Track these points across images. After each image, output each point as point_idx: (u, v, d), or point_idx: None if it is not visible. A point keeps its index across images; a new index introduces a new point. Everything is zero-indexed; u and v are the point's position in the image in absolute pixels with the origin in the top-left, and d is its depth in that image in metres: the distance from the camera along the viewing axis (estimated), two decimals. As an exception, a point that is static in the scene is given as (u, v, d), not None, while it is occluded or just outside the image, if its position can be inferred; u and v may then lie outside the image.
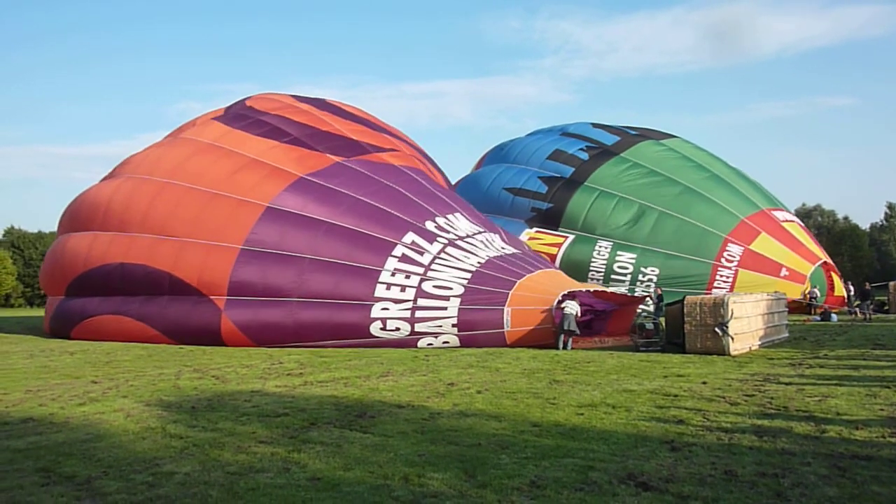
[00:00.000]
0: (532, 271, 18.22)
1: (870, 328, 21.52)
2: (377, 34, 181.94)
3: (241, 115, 21.79)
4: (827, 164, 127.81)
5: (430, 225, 18.66)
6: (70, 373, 12.96)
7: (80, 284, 20.45)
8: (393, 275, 17.35)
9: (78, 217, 21.68)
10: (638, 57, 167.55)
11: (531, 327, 16.93)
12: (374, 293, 17.19)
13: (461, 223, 19.47)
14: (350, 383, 10.96)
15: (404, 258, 17.61)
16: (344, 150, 20.55)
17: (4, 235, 71.99)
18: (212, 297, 18.01)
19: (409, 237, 18.03)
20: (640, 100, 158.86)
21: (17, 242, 69.07)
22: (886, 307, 29.61)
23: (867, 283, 29.18)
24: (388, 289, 17.22)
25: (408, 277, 17.33)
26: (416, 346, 17.13)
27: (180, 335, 18.40)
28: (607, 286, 23.91)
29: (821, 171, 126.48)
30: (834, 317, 25.99)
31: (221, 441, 7.02)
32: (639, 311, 21.27)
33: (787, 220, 30.00)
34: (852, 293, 31.12)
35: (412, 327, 17.11)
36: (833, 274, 29.32)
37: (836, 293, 29.11)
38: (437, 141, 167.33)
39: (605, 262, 27.86)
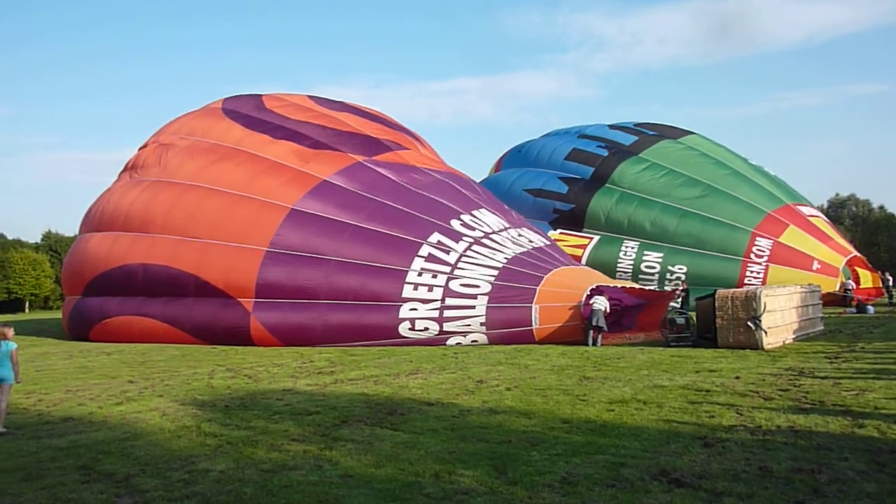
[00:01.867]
0: (559, 266, 18.15)
1: (908, 320, 20.98)
2: (398, 33, 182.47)
3: (259, 120, 21.79)
4: (859, 153, 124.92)
5: (455, 224, 18.66)
6: (107, 373, 13.25)
7: (99, 284, 20.73)
8: (420, 275, 17.38)
9: (102, 217, 21.96)
10: (662, 49, 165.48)
11: (560, 324, 16.86)
12: (401, 293, 17.23)
13: (487, 218, 19.47)
14: (380, 381, 11.03)
15: (431, 258, 17.63)
16: (364, 149, 20.64)
17: (42, 240, 73.74)
18: (239, 299, 18.19)
19: (435, 237, 18.04)
20: (666, 92, 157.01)
21: (55, 246, 70.75)
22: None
23: (905, 274, 28.51)
24: (415, 289, 17.25)
25: (435, 277, 17.36)
26: (444, 344, 17.15)
27: (209, 337, 18.65)
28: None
29: (853, 161, 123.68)
30: (870, 309, 25.41)
31: (255, 439, 7.12)
32: (670, 306, 21.04)
33: (812, 215, 29.58)
34: (891, 283, 30.40)
35: (441, 327, 17.13)
36: (857, 268, 28.67)
37: (861, 286, 28.47)
38: (459, 138, 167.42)
39: (632, 262, 27.76)
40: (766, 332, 14.15)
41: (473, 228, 18.70)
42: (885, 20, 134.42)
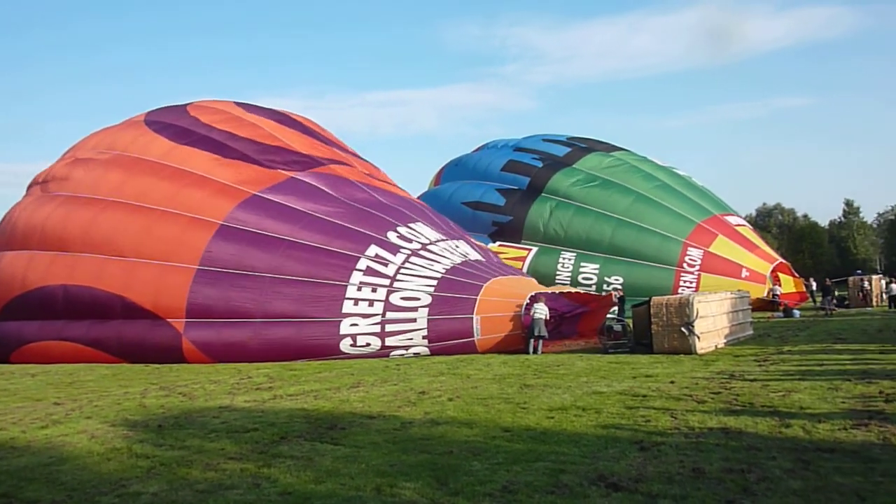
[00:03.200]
0: (497, 275, 18.30)
1: (831, 323, 22.07)
2: (337, 45, 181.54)
3: (186, 131, 20.80)
4: (786, 165, 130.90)
5: (392, 236, 18.45)
6: (31, 395, 12.62)
7: (15, 307, 19.20)
8: (359, 289, 17.15)
9: (13, 234, 20.26)
10: (600, 62, 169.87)
11: (502, 334, 17.02)
12: (341, 309, 16.96)
13: (424, 230, 19.35)
14: (320, 396, 10.88)
15: (369, 271, 17.42)
16: (296, 165, 20.12)
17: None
18: (170, 319, 17.43)
19: (373, 250, 17.82)
20: (604, 105, 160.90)
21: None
22: (847, 302, 30.42)
23: (827, 279, 29.99)
24: (355, 304, 17.02)
25: (374, 290, 17.18)
26: (387, 356, 17.02)
27: (139, 360, 17.69)
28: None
29: (780, 172, 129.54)
30: (797, 313, 26.64)
31: (189, 459, 6.91)
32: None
33: (739, 224, 31.00)
34: (814, 288, 31.92)
35: (383, 342, 16.97)
36: (780, 274, 30.05)
37: (783, 291, 29.79)
38: (402, 150, 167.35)
39: (569, 273, 28.43)
40: (699, 338, 14.63)
41: (410, 241, 18.58)
42: (812, 36, 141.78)
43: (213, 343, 17.24)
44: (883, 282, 32.54)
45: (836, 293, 29.93)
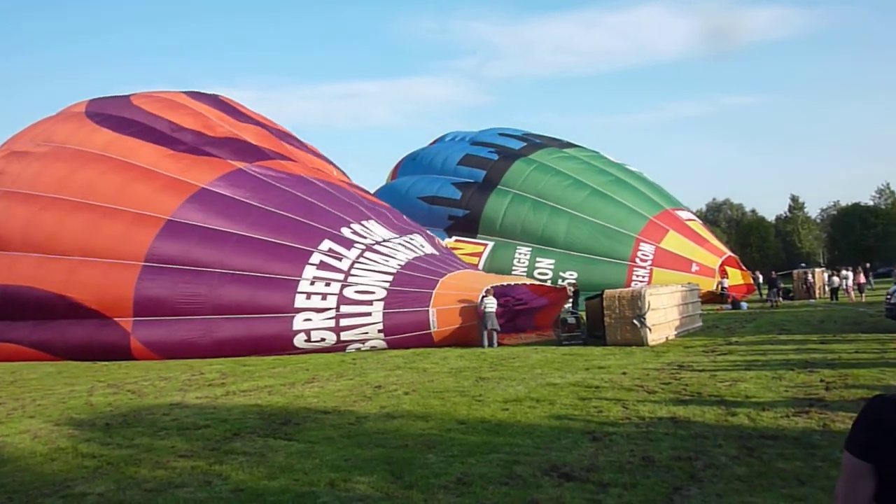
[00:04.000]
0: (453, 270, 18.38)
1: (776, 314, 22.79)
2: (290, 34, 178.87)
3: (129, 121, 20.06)
4: (735, 161, 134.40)
5: (346, 231, 18.30)
6: (-30, 395, 12.16)
7: None
8: (312, 283, 16.98)
9: None
10: (555, 58, 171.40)
11: (457, 325, 17.09)
12: (293, 304, 16.76)
13: (377, 229, 19.18)
14: (274, 391, 10.77)
15: (322, 265, 17.25)
16: (245, 155, 19.66)
17: None
18: (116, 318, 16.95)
19: (326, 244, 17.64)
20: (558, 101, 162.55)
21: None
22: (792, 294, 31.43)
23: (773, 272, 30.93)
24: (308, 298, 16.85)
25: (328, 285, 17.03)
26: (343, 350, 16.97)
27: (86, 361, 17.12)
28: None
29: (729, 168, 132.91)
30: (744, 305, 27.42)
31: (138, 457, 6.76)
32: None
33: (689, 219, 31.77)
34: (761, 281, 32.88)
35: (338, 336, 16.89)
36: (728, 267, 30.84)
37: (730, 283, 30.53)
38: (358, 143, 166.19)
39: (525, 268, 28.72)
40: (650, 330, 14.95)
41: (365, 236, 18.48)
42: (759, 36, 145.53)
43: (163, 341, 16.86)
44: (825, 275, 33.71)
45: (782, 285, 30.92)
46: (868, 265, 36.11)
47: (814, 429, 6.67)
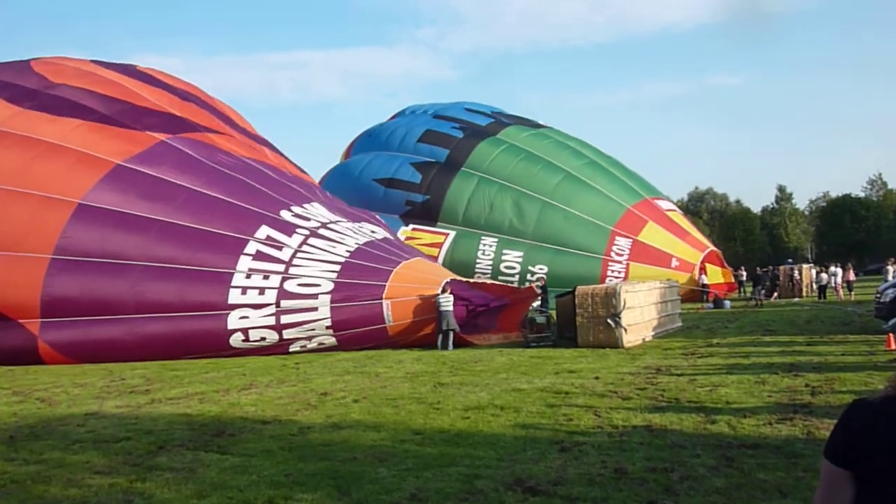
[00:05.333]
0: (409, 257, 18.38)
1: (761, 314, 23.43)
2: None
3: (31, 91, 19.10)
4: (719, 147, 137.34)
5: (286, 215, 18.05)
6: None
7: None
8: (248, 276, 16.77)
9: None
10: (522, 30, 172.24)
11: (416, 319, 17.15)
12: (227, 300, 16.53)
13: (321, 212, 19.03)
14: (206, 399, 10.64)
15: (260, 256, 17.03)
16: (168, 127, 19.00)
17: None
18: (21, 320, 16.33)
19: (263, 231, 17.38)
20: (526, 76, 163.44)
21: None
22: (776, 293, 32.28)
23: (758, 268, 31.74)
24: (243, 293, 16.63)
25: (266, 278, 16.83)
26: (288, 353, 16.93)
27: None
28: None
29: (713, 155, 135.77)
30: (727, 304, 28.10)
31: (48, 474, 6.61)
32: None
33: (669, 210, 32.29)
34: (744, 279, 33.65)
35: (280, 335, 16.79)
36: (707, 264, 31.30)
37: (709, 281, 31.10)
38: (303, 119, 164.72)
39: (491, 261, 28.80)
40: (626, 330, 15.21)
41: (308, 219, 18.27)
42: (745, 12, 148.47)
43: (78, 343, 16.39)
44: (813, 271, 34.73)
45: (769, 280, 31.76)
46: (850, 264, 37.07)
47: (797, 437, 6.88)
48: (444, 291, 16.95)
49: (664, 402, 8.86)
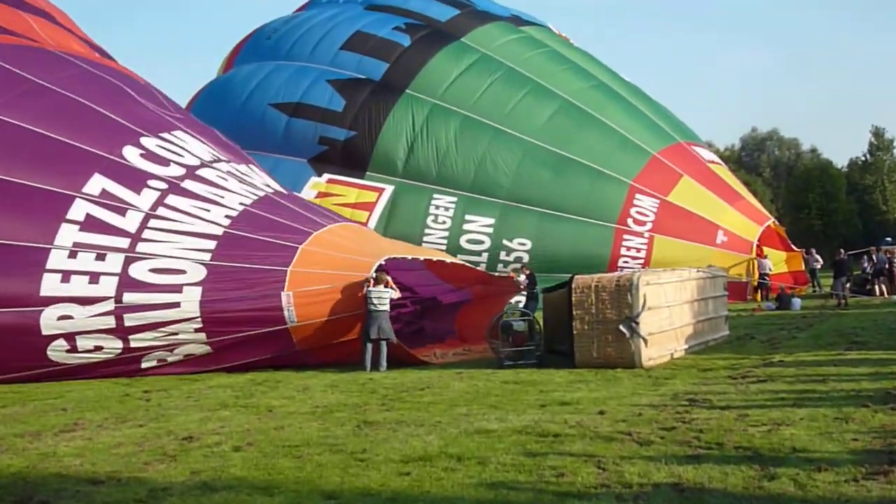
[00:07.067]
0: (324, 225, 18.34)
1: (845, 318, 23.83)
2: None
3: None
4: (787, 72, 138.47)
5: (131, 155, 17.88)
6: None
7: None
8: (73, 255, 16.60)
9: None
10: None
11: (333, 317, 17.19)
12: (40, 290, 16.34)
13: (189, 148, 18.95)
14: (6, 446, 10.51)
15: (91, 223, 16.85)
16: None
17: None
18: None
19: (97, 183, 17.19)
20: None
21: None
22: (869, 286, 32.67)
23: (841, 251, 32.01)
24: (65, 280, 16.47)
25: (101, 258, 16.67)
26: (140, 370, 16.89)
27: None
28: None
29: (778, 82, 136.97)
30: (797, 302, 28.42)
31: None
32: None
33: (713, 161, 32.29)
34: (818, 266, 34.07)
35: (125, 342, 16.67)
36: (763, 246, 31.57)
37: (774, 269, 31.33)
38: (156, 6, 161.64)
39: (446, 230, 28.27)
40: (645, 341, 15.32)
41: (166, 163, 18.11)
42: None
43: None
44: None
45: (854, 273, 32.24)
46: None
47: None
48: (378, 283, 16.89)
49: (701, 448, 8.96)
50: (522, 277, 23.54)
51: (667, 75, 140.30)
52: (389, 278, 17.28)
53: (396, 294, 17.46)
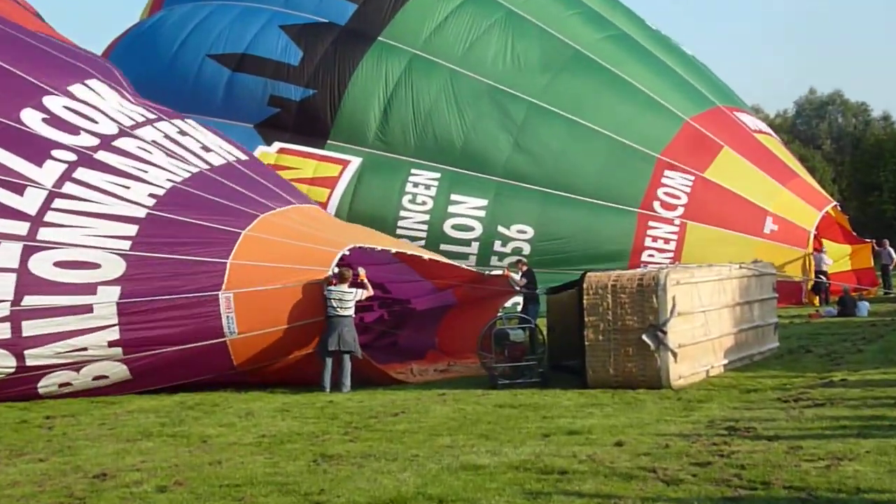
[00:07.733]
0: (273, 207, 18.32)
1: (922, 326, 23.93)
2: None
3: None
4: (852, 22, 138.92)
5: (30, 119, 17.90)
6: None
7: None
8: None
9: None
10: None
11: (282, 328, 17.15)
12: None
13: (106, 102, 19.01)
14: None
15: None
16: None
17: None
18: None
19: None
20: None
21: None
22: None
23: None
24: None
25: None
26: (35, 394, 16.93)
27: None
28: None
29: (840, 35, 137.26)
30: (864, 307, 28.47)
31: None
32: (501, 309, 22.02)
33: (759, 131, 32.10)
34: (893, 262, 34.21)
35: (20, 358, 16.63)
36: (821, 237, 31.59)
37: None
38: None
39: (426, 213, 28.10)
40: (674, 355, 15.36)
41: (76, 130, 18.11)
42: None
43: None
44: None
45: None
46: None
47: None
48: (343, 279, 16.84)
49: (742, 488, 8.99)
50: (519, 275, 23.47)
51: (703, 24, 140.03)
52: (362, 271, 17.25)
53: (368, 293, 17.43)
